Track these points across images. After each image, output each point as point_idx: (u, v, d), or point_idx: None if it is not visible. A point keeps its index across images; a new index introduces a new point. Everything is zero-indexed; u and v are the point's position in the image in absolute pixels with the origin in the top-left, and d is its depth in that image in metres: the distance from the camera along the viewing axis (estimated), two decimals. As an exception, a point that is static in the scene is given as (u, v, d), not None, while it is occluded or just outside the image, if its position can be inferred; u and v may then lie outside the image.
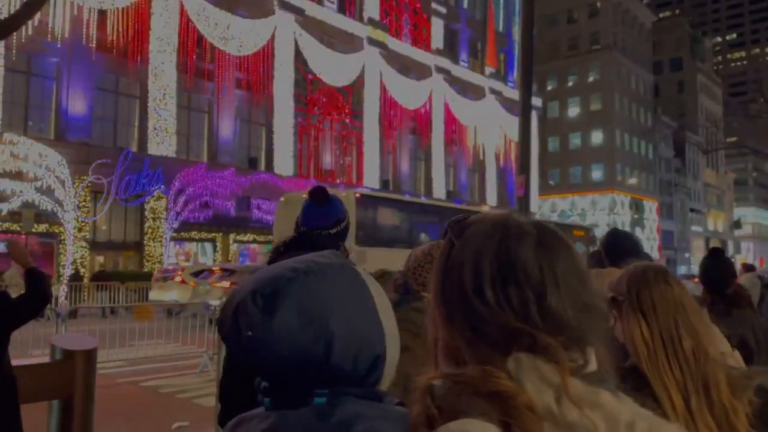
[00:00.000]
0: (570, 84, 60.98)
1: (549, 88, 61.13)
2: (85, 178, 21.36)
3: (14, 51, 19.75)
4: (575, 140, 60.25)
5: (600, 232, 29.65)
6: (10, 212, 19.74)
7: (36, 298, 3.33)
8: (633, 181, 60.29)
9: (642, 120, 63.86)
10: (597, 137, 59.04)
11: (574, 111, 60.65)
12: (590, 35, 60.21)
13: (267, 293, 0.79)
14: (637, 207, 60.63)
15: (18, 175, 20.00)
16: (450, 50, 39.36)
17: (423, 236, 18.48)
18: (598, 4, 59.80)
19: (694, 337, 1.45)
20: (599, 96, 58.90)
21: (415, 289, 2.29)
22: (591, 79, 59.73)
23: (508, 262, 0.81)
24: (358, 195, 18.36)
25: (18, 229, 19.79)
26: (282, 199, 18.57)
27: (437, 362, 0.85)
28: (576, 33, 61.14)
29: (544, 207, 56.27)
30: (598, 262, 2.90)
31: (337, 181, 30.74)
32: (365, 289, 0.85)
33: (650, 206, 63.09)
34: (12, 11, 19.22)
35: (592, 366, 0.81)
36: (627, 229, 55.18)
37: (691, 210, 72.04)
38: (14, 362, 3.52)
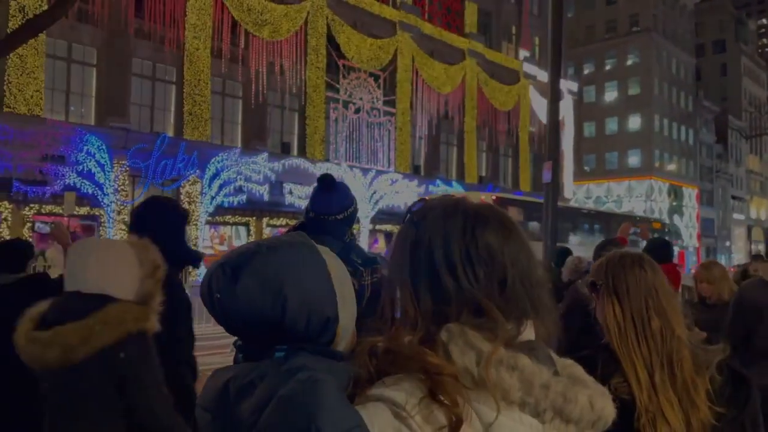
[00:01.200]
0: (608, 68, 59.63)
1: (586, 72, 59.94)
2: (123, 162, 21.94)
3: (55, 38, 20.30)
4: (612, 125, 59.03)
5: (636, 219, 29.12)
6: (53, 195, 20.43)
7: None
8: (672, 167, 58.89)
9: (682, 104, 62.17)
10: (635, 122, 57.72)
11: (611, 95, 59.36)
12: (629, 17, 58.64)
13: (233, 264, 0.94)
14: (675, 194, 59.26)
15: (60, 159, 20.68)
16: (484, 34, 38.92)
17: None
18: (638, -16, 58.12)
19: (663, 317, 1.54)
20: (638, 80, 57.47)
21: None
22: (630, 62, 58.30)
23: (475, 244, 0.92)
24: (494, 197, 19.27)
25: (60, 211, 20.47)
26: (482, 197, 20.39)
27: (392, 328, 0.95)
28: (614, 15, 59.63)
29: (579, 193, 55.47)
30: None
31: (369, 165, 30.89)
32: (321, 262, 0.98)
33: (690, 193, 61.58)
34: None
35: (527, 336, 0.91)
36: (665, 216, 54.09)
37: (733, 197, 70.03)
38: None
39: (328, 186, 2.27)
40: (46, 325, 2.04)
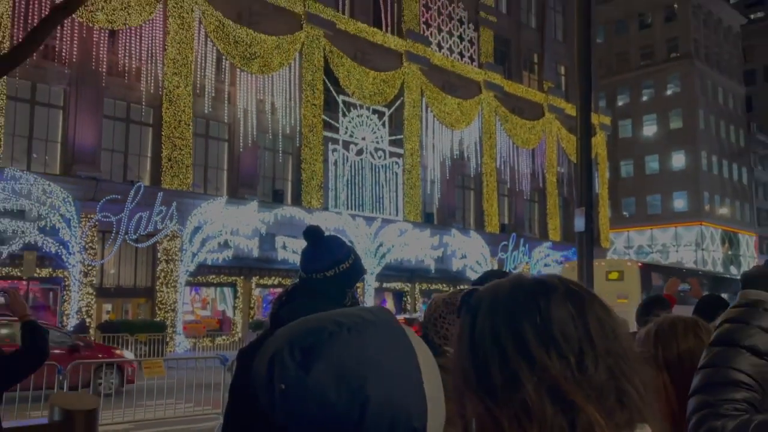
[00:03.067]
0: (645, 98, 60.46)
1: (620, 103, 60.73)
2: (92, 216, 22.13)
3: (17, 78, 20.78)
4: (652, 164, 59.36)
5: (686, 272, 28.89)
6: (10, 255, 20.53)
7: (33, 355, 3.46)
8: (724, 210, 58.83)
9: (732, 139, 62.63)
10: (679, 160, 58.04)
11: (650, 130, 59.96)
12: (667, 42, 59.77)
13: (305, 346, 0.83)
14: (730, 241, 59.02)
15: (20, 214, 20.86)
16: (502, 64, 39.66)
17: None
18: (676, 5, 59.43)
19: None
20: (680, 112, 58.09)
21: (437, 343, 2.33)
22: (669, 92, 59.10)
23: (545, 323, 0.89)
24: (640, 264, 21.33)
25: (18, 273, 20.52)
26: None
27: None
28: (650, 40, 60.81)
29: (617, 242, 55.29)
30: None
31: (374, 214, 31.00)
32: (410, 351, 0.87)
33: (747, 240, 61.30)
34: (14, 41, 20.37)
35: None
36: (719, 267, 53.59)
37: (798, 244, 69.57)
38: (9, 423, 3.64)
39: (313, 239, 2.26)
40: None
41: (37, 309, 21.30)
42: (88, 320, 21.70)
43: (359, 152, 31.50)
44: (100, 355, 14.70)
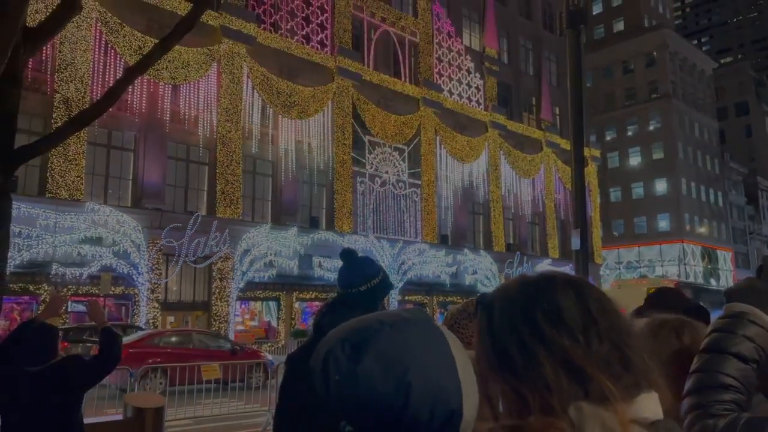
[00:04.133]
0: (630, 134, 59.95)
1: (608, 138, 60.28)
2: (158, 242, 22.44)
3: (96, 126, 21.33)
4: (638, 190, 58.68)
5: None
6: (90, 275, 20.88)
7: (109, 359, 3.43)
8: (703, 230, 57.82)
9: (708, 167, 61.74)
10: (661, 186, 57.33)
11: (635, 160, 59.34)
12: (648, 84, 59.42)
13: (354, 341, 0.85)
14: (709, 257, 57.89)
15: (98, 241, 21.26)
16: (504, 106, 39.72)
17: None
18: (655, 53, 59.17)
19: None
20: (661, 145, 57.53)
21: None
22: (651, 128, 58.59)
23: (553, 310, 0.91)
24: (675, 282, 20.42)
25: (96, 291, 20.83)
26: (613, 283, 22.10)
27: (495, 414, 0.92)
28: (633, 83, 60.49)
29: (609, 258, 54.52)
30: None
31: (397, 236, 31.01)
32: (444, 344, 0.88)
33: (724, 256, 60.11)
34: (93, 97, 20.95)
35: (657, 413, 0.88)
36: (700, 279, 52.53)
37: (770, 258, 67.97)
38: (89, 420, 3.68)
39: (348, 259, 2.29)
40: None
41: (111, 321, 21.52)
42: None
43: (383, 183, 31.62)
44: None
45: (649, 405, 0.88)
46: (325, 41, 30.07)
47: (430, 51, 35.00)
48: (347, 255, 2.29)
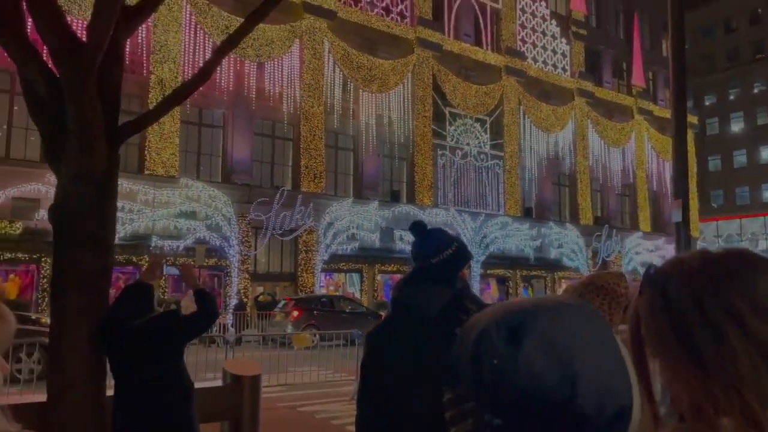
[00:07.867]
0: (732, 98, 55.94)
1: (707, 103, 56.56)
2: (247, 215, 23.41)
3: (188, 105, 22.37)
4: (740, 157, 54.86)
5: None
6: (185, 248, 22.13)
7: (205, 315, 3.56)
8: (814, 200, 53.47)
9: (822, 131, 56.69)
10: (767, 153, 53.34)
11: (737, 126, 55.42)
12: (752, 44, 55.01)
13: (512, 325, 0.76)
14: (821, 229, 53.54)
15: (192, 215, 22.47)
16: (592, 72, 38.09)
17: None
18: (760, 10, 54.57)
19: None
20: (766, 109, 53.33)
21: None
22: (756, 90, 54.38)
23: (755, 294, 0.77)
24: None
25: (192, 263, 22.00)
26: None
27: (653, 410, 0.82)
28: (735, 43, 56.17)
29: (706, 231, 51.63)
30: None
31: (478, 209, 30.75)
32: (608, 330, 0.79)
33: (838, 228, 55.34)
34: (185, 76, 21.90)
35: None
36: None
37: None
38: None
39: (417, 232, 2.24)
40: None
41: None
42: (245, 300, 23.01)
43: (464, 156, 31.31)
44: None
45: None
46: (405, 12, 29.87)
47: (513, 17, 33.99)
48: (417, 228, 2.25)
